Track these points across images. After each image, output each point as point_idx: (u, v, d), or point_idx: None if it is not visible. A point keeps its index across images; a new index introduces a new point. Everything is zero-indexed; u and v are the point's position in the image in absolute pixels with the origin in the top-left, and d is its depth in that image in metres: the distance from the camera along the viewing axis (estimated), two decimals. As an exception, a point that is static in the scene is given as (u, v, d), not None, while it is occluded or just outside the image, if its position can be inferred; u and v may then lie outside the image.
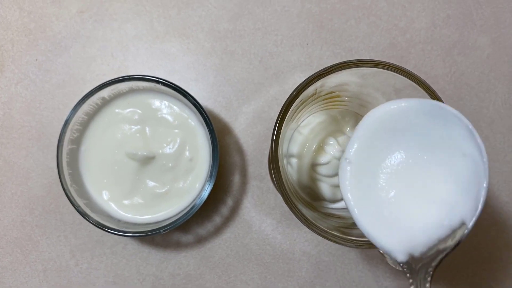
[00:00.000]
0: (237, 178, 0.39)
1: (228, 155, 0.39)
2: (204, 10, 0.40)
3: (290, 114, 0.26)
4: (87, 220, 0.33)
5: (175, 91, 0.33)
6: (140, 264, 0.38)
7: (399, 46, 0.40)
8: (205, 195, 0.33)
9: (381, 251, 0.23)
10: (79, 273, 0.38)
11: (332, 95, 0.31)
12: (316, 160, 0.33)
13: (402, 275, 0.39)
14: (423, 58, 0.40)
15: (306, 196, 0.35)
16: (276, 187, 0.38)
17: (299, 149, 0.34)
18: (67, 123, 0.34)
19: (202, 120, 0.34)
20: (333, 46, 0.40)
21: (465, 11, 0.41)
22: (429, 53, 0.40)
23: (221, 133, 0.39)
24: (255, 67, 0.40)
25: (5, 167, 0.39)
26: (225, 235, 0.39)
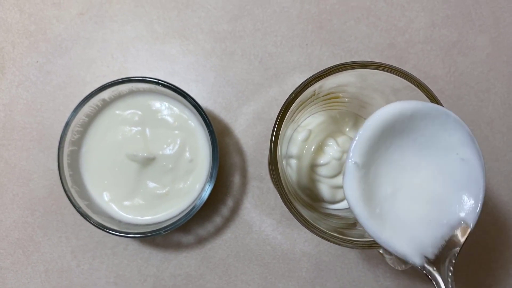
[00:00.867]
0: (237, 178, 0.39)
1: (228, 156, 0.39)
2: (203, 11, 0.40)
3: (289, 115, 0.26)
4: (88, 221, 0.33)
5: (175, 93, 0.33)
6: (141, 264, 0.38)
7: (398, 46, 0.40)
8: (205, 195, 0.33)
9: (398, 256, 0.23)
10: (81, 274, 0.39)
11: (331, 96, 0.31)
12: (315, 161, 0.34)
13: (402, 275, 0.39)
14: (423, 58, 0.40)
15: (305, 197, 0.35)
16: (275, 187, 0.38)
17: (299, 150, 0.34)
18: (68, 124, 0.34)
19: (202, 121, 0.34)
20: (332, 46, 0.40)
21: (464, 11, 0.41)
22: (428, 53, 0.40)
23: (221, 134, 0.39)
24: (254, 68, 0.40)
25: (6, 169, 0.39)
26: (226, 236, 0.39)
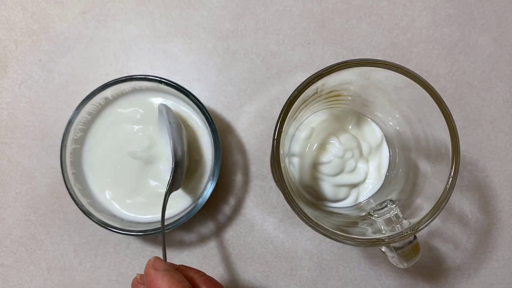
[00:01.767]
0: (239, 177, 0.39)
1: (230, 155, 0.39)
2: (206, 10, 0.40)
3: (291, 113, 0.26)
4: (91, 219, 0.33)
5: (177, 91, 0.33)
6: (143, 263, 0.39)
7: (400, 45, 0.40)
8: (207, 194, 0.33)
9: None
10: (83, 271, 0.39)
11: (333, 94, 0.31)
12: (317, 159, 0.34)
13: (404, 274, 0.39)
14: (425, 57, 0.40)
15: (308, 195, 0.35)
16: (278, 185, 0.38)
17: (301, 148, 0.34)
18: (70, 123, 0.34)
19: (204, 119, 0.34)
20: (334, 45, 0.40)
21: (466, 10, 0.41)
22: (431, 52, 0.40)
23: (223, 133, 0.39)
24: (257, 66, 0.40)
25: (9, 167, 0.39)
26: (228, 234, 0.39)
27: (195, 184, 0.36)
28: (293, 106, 0.26)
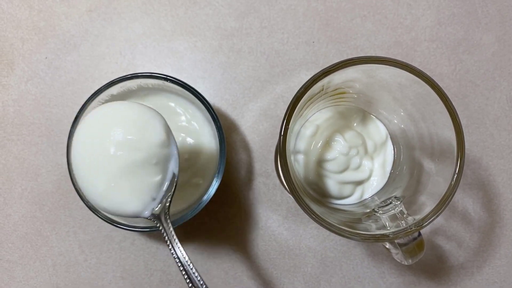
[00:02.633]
0: (243, 174, 0.39)
1: (234, 152, 0.40)
2: (211, 8, 0.41)
3: (297, 110, 0.27)
4: (97, 215, 0.33)
5: (183, 89, 0.34)
6: (148, 259, 0.39)
7: (404, 44, 0.40)
8: (212, 191, 0.34)
9: None
10: (88, 268, 0.39)
11: (339, 91, 0.32)
12: (322, 156, 0.34)
13: (407, 271, 0.39)
14: (428, 56, 0.40)
15: (313, 192, 0.35)
16: (282, 183, 0.38)
17: (306, 146, 0.34)
18: (76, 120, 0.34)
19: (209, 117, 0.34)
20: (338, 44, 0.40)
21: (470, 9, 0.41)
22: (434, 51, 0.40)
23: (228, 130, 0.40)
24: (261, 65, 0.40)
25: (15, 164, 0.40)
26: (232, 231, 0.39)
27: (200, 181, 0.36)
28: (299, 103, 0.26)
